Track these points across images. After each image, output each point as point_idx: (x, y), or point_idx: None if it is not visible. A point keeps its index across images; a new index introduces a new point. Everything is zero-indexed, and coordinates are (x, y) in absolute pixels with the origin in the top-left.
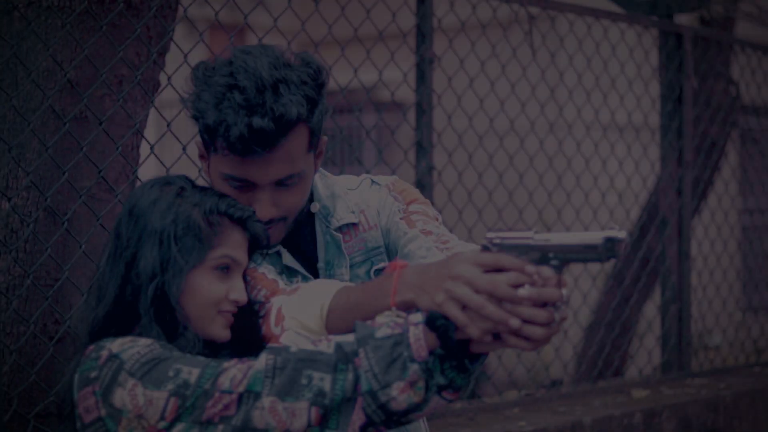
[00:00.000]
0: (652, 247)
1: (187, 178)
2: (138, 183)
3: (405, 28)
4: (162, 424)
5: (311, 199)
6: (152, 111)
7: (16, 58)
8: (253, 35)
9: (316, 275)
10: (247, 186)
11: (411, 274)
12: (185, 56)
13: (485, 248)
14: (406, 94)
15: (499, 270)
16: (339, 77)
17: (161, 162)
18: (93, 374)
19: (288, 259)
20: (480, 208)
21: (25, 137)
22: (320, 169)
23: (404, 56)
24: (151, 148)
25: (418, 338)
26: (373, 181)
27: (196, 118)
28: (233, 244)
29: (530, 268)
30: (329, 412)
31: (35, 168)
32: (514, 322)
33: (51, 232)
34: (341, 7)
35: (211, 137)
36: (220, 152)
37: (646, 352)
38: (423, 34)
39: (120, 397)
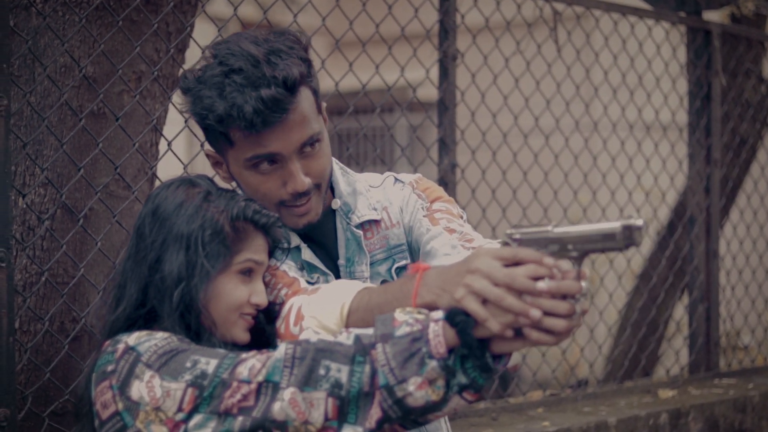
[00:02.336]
0: (679, 246)
1: (209, 180)
2: (156, 180)
3: (428, 27)
4: (180, 416)
5: (333, 195)
6: (171, 107)
7: (32, 54)
8: None
9: (336, 272)
10: (274, 164)
11: (432, 275)
12: (203, 52)
13: (505, 244)
14: (431, 93)
15: (518, 264)
16: (361, 76)
17: (179, 159)
18: (110, 368)
19: (308, 254)
20: (504, 206)
21: (41, 134)
22: (342, 165)
23: (428, 55)
24: (169, 144)
25: (437, 334)
26: (396, 179)
27: (203, 117)
28: (256, 248)
29: (549, 260)
30: (347, 405)
31: (52, 164)
32: (535, 313)
33: (68, 229)
34: (362, 4)
35: (226, 127)
36: (239, 139)
37: (673, 352)
38: (446, 30)
39: (137, 389)
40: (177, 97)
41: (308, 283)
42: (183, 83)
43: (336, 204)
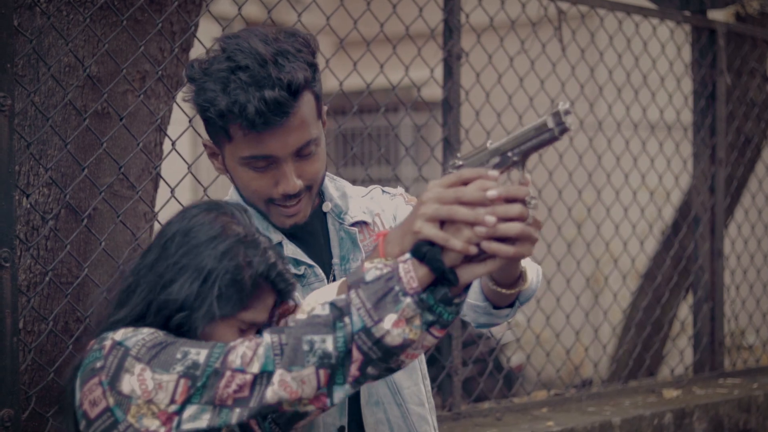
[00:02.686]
0: (684, 245)
1: (248, 216)
2: (160, 180)
3: (432, 26)
4: (173, 408)
5: (323, 199)
6: (175, 107)
7: (37, 53)
8: None
9: (326, 272)
10: (268, 164)
11: (393, 231)
12: (207, 52)
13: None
14: (436, 92)
15: (465, 184)
16: (366, 76)
17: (183, 159)
18: (98, 364)
19: (290, 249)
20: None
21: (45, 133)
22: (328, 172)
23: (432, 54)
24: (173, 144)
25: (408, 271)
26: (384, 191)
27: (204, 109)
28: (263, 308)
29: (493, 172)
30: (335, 369)
31: (56, 164)
32: (489, 218)
33: (72, 229)
34: (367, 3)
35: (227, 122)
36: (238, 136)
37: (678, 351)
38: (450, 29)
39: (128, 383)
40: (182, 96)
41: (295, 276)
42: (189, 71)
43: (327, 206)
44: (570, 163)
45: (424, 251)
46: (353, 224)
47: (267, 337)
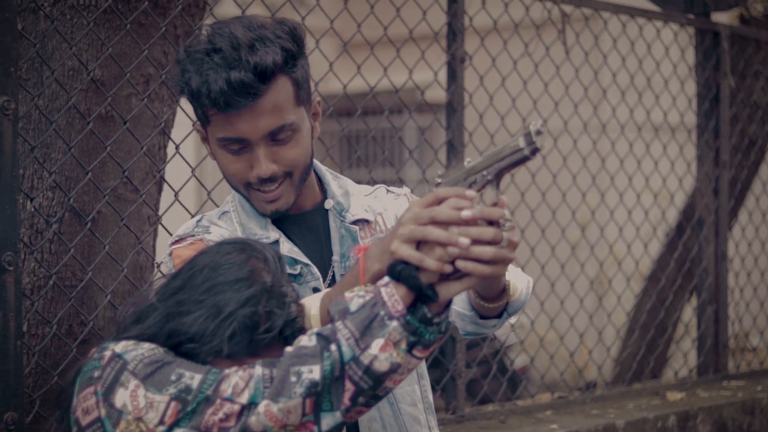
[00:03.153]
0: (688, 248)
1: (278, 258)
2: (164, 183)
3: (436, 29)
4: (161, 429)
5: (325, 196)
6: (180, 111)
7: (40, 57)
8: None
9: (324, 269)
10: (243, 147)
11: (373, 247)
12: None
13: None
14: (439, 94)
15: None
16: (370, 78)
17: (187, 162)
18: (96, 374)
19: (286, 248)
20: (512, 209)
21: (49, 137)
22: (332, 171)
23: (436, 57)
24: (177, 147)
25: (392, 295)
26: (388, 190)
27: (181, 90)
28: (271, 358)
29: (470, 192)
30: (321, 396)
31: (60, 168)
32: (463, 240)
33: (76, 232)
34: (371, 6)
35: (198, 102)
36: (213, 118)
37: (682, 354)
38: (454, 33)
39: (121, 397)
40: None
41: (290, 276)
42: (177, 55)
43: (329, 204)
44: (574, 165)
45: (399, 270)
46: (354, 222)
47: (259, 369)
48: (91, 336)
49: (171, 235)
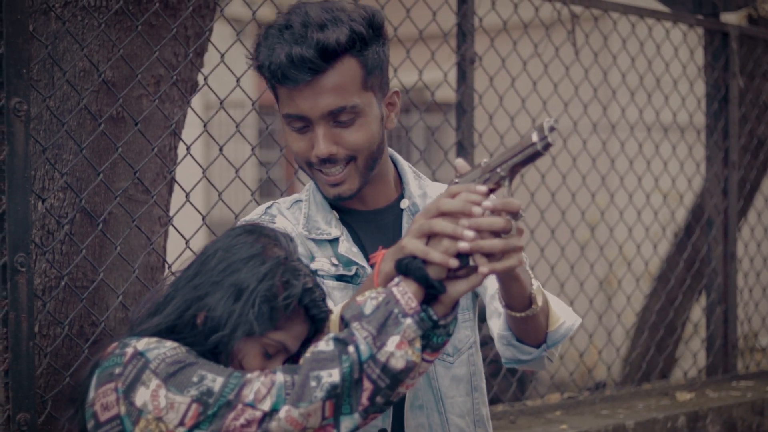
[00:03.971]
0: (697, 248)
1: (291, 240)
2: (175, 184)
3: (446, 29)
4: (180, 430)
5: (402, 195)
6: (193, 112)
7: (51, 58)
8: None
9: None
10: (305, 126)
11: (389, 250)
12: (222, 56)
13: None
14: (449, 93)
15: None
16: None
17: (198, 164)
18: (117, 370)
19: (344, 247)
20: (522, 210)
21: (60, 138)
22: (415, 170)
23: (445, 57)
24: (188, 148)
25: (404, 293)
26: None
27: (254, 66)
28: (294, 335)
29: (481, 187)
30: (341, 398)
31: (71, 169)
32: (468, 233)
33: (87, 233)
34: (381, 6)
35: (264, 76)
36: (280, 93)
37: (691, 354)
38: (464, 33)
39: (142, 396)
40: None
41: (344, 277)
42: (261, 32)
43: (405, 204)
44: (583, 165)
45: (405, 263)
46: None
47: (280, 376)
48: (102, 337)
49: (182, 236)
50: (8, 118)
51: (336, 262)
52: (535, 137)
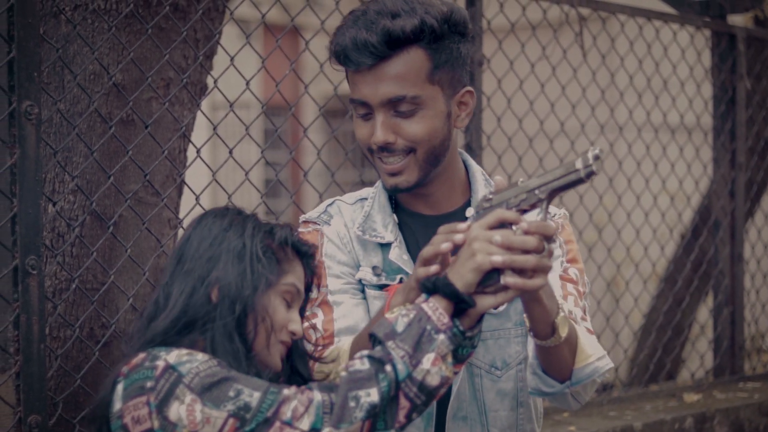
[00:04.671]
0: (704, 249)
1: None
2: (185, 186)
3: None
4: None
5: (469, 202)
6: (200, 114)
7: (62, 61)
8: (307, 36)
9: None
10: (368, 113)
11: (401, 285)
12: (231, 59)
13: (481, 208)
14: None
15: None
16: None
17: (207, 165)
18: (149, 384)
19: (394, 253)
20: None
21: (71, 141)
22: (488, 176)
23: None
24: (197, 151)
25: (435, 309)
26: None
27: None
28: (298, 276)
29: (512, 213)
30: (377, 416)
31: (81, 171)
32: (497, 259)
33: (97, 235)
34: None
35: (332, 58)
36: (348, 76)
37: (698, 355)
38: (473, 36)
39: (176, 410)
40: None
41: (387, 286)
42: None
43: (470, 212)
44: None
45: (432, 282)
46: None
47: (318, 394)
48: (112, 339)
49: None
50: (19, 121)
51: (379, 271)
52: (579, 164)
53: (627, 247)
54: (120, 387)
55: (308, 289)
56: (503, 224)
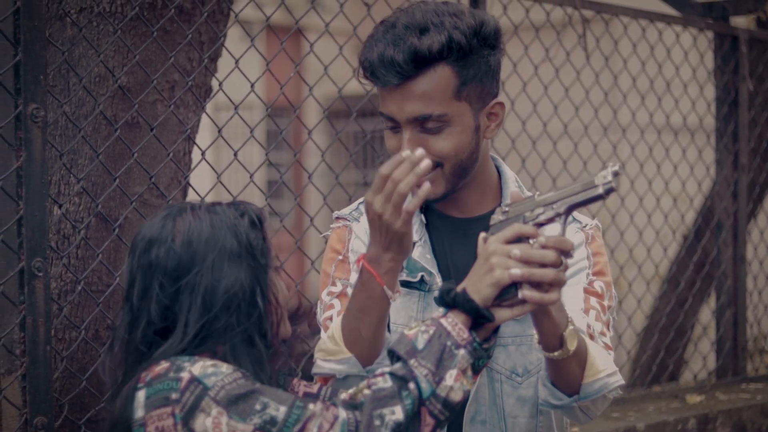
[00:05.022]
0: (707, 251)
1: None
2: (189, 188)
3: None
4: None
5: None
6: (204, 116)
7: (68, 64)
8: (310, 37)
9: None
10: (395, 126)
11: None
12: (236, 62)
13: (497, 221)
14: None
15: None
16: None
17: (212, 167)
18: (174, 396)
19: (417, 252)
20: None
21: (77, 143)
22: (520, 183)
23: None
24: (203, 153)
25: (455, 324)
26: (574, 218)
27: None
28: (275, 245)
29: (528, 227)
30: None
31: (87, 174)
32: (515, 272)
33: (102, 237)
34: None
35: (361, 72)
36: (378, 91)
37: (700, 357)
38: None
39: (202, 423)
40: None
41: (409, 284)
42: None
43: (494, 219)
44: (594, 168)
45: (451, 297)
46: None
47: (342, 412)
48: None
49: None
50: (26, 124)
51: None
52: (598, 180)
53: (630, 248)
54: (141, 395)
55: None
56: (520, 239)
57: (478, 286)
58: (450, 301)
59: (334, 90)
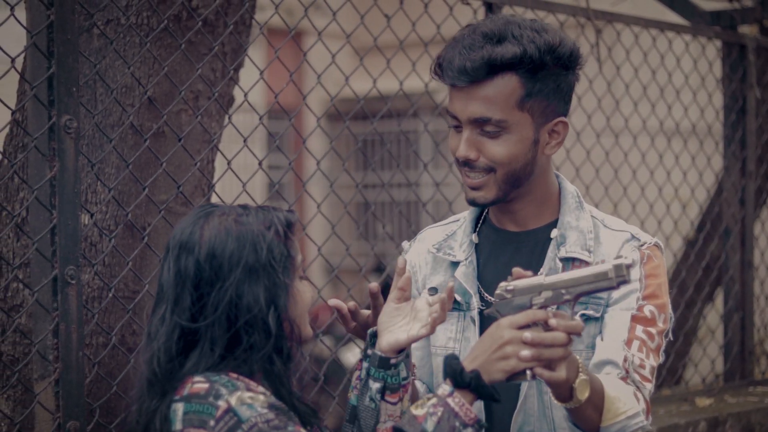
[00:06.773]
0: (715, 256)
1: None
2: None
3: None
4: None
5: (554, 223)
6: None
7: (99, 76)
8: (312, 39)
9: None
10: (458, 126)
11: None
12: (261, 73)
13: (501, 298)
14: None
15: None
16: (394, 81)
17: (237, 176)
18: (210, 423)
19: (460, 271)
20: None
21: (105, 152)
22: (582, 201)
23: None
24: (228, 163)
25: (461, 405)
26: (633, 236)
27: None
28: (297, 245)
29: (540, 312)
30: None
31: (116, 183)
32: (525, 354)
33: (128, 245)
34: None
35: (434, 68)
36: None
37: (709, 360)
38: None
39: None
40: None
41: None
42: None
43: (554, 233)
44: (606, 175)
45: (467, 380)
46: (566, 258)
47: None
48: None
49: None
50: (59, 135)
51: (435, 291)
52: (611, 272)
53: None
54: (180, 408)
55: None
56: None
57: (488, 369)
58: (464, 384)
59: (334, 92)
